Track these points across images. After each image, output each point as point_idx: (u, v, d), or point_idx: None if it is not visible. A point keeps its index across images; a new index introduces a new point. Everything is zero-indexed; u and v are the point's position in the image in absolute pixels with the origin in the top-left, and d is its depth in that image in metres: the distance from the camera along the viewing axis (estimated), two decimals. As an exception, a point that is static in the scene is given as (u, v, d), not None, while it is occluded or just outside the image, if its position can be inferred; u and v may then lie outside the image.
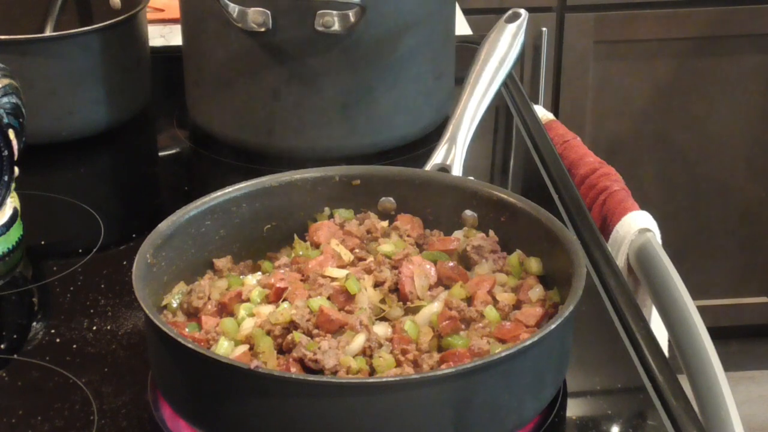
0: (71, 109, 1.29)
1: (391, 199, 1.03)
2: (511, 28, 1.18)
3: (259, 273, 0.97)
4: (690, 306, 1.12)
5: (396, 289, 0.92)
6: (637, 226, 1.24)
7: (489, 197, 1.00)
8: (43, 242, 1.15)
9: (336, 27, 1.20)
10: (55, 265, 1.09)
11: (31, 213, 1.14)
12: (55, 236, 1.17)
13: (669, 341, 1.17)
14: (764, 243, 2.57)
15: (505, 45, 1.18)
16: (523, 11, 1.19)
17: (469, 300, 0.92)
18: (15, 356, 0.97)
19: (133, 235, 1.14)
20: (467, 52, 1.27)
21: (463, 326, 0.89)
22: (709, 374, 1.07)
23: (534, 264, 0.95)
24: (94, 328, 0.99)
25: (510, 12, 1.19)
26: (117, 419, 0.88)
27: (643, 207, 1.28)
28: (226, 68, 1.27)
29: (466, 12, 1.73)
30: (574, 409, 0.91)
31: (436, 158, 1.08)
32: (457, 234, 1.00)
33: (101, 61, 1.29)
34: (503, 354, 0.80)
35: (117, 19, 1.30)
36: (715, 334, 1.15)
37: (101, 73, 1.29)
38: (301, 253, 0.98)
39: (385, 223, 1.01)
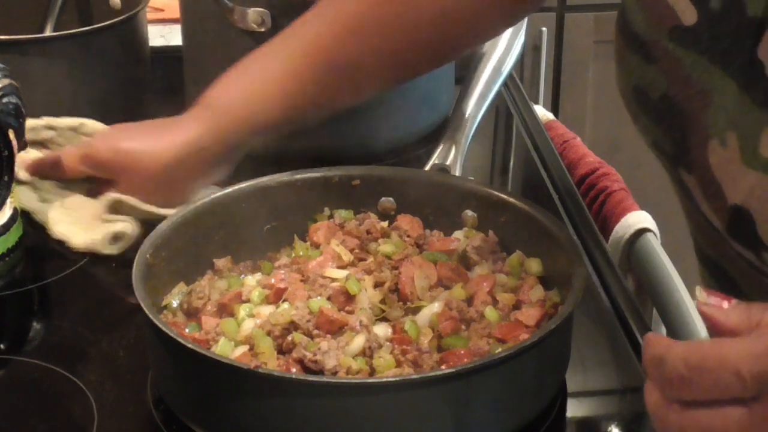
0: (71, 109, 1.29)
1: (391, 199, 1.03)
2: (511, 28, 1.18)
3: (259, 273, 0.97)
4: (690, 306, 1.12)
5: (396, 290, 0.92)
6: (636, 226, 1.24)
7: (489, 197, 1.00)
8: (43, 242, 1.15)
9: (336, 27, 1.20)
10: (55, 265, 1.09)
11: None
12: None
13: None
14: (764, 243, 2.57)
15: (505, 45, 1.18)
16: (523, 11, 1.19)
17: (469, 300, 0.92)
18: (15, 356, 0.97)
19: (133, 236, 1.13)
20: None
21: (463, 326, 0.89)
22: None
23: (534, 264, 0.95)
24: (94, 328, 0.99)
25: (510, 12, 1.19)
26: (117, 419, 0.88)
27: (643, 207, 1.28)
28: (226, 68, 1.26)
29: (466, 12, 1.72)
30: (574, 409, 0.91)
31: (436, 158, 1.08)
32: (457, 234, 1.00)
33: (101, 61, 1.29)
34: (503, 354, 0.80)
35: (117, 19, 1.30)
36: (715, 334, 1.15)
37: (101, 73, 1.29)
38: (301, 253, 0.98)
39: (385, 224, 1.01)
